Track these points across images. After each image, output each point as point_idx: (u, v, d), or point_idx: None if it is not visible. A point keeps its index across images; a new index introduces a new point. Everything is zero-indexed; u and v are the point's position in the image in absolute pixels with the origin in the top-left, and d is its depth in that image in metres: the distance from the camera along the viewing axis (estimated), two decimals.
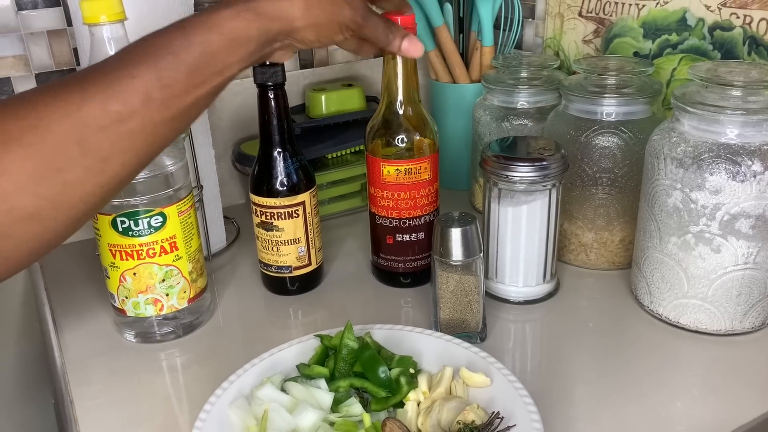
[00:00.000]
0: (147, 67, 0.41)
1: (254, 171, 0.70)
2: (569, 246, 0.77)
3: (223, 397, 0.53)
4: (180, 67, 0.42)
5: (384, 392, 0.53)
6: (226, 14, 0.44)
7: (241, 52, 0.45)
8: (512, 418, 0.49)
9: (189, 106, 0.43)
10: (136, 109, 0.40)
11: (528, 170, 0.64)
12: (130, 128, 0.41)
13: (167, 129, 0.43)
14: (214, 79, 0.44)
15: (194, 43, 0.43)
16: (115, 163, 0.41)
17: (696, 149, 0.59)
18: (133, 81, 0.40)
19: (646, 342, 0.65)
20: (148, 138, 0.42)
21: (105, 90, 0.40)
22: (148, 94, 0.41)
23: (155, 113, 0.42)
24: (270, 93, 0.67)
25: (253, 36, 0.45)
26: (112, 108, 0.40)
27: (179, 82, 0.42)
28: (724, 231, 0.59)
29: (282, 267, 0.72)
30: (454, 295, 0.63)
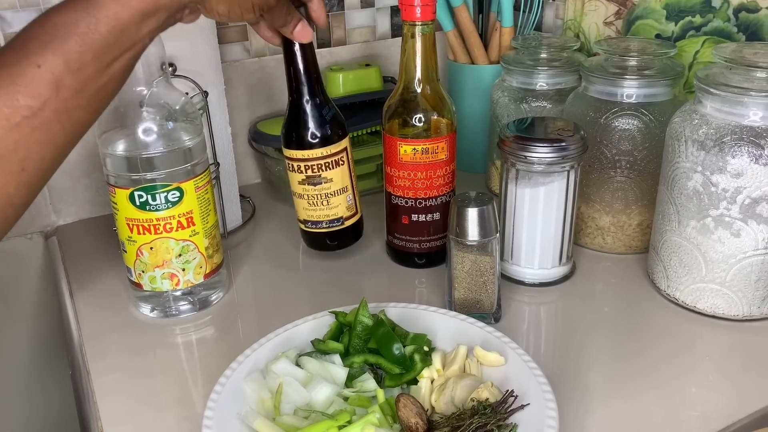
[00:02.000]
0: (52, 53, 0.38)
1: (291, 127, 0.68)
2: (586, 229, 0.77)
3: (239, 371, 0.53)
4: (88, 48, 0.39)
5: (398, 369, 0.53)
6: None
7: (152, 23, 0.43)
8: (526, 397, 0.49)
9: (103, 86, 0.41)
10: (47, 99, 0.38)
11: (546, 151, 0.64)
12: (43, 120, 0.39)
13: (83, 113, 0.41)
14: (125, 55, 0.42)
15: (101, 20, 0.40)
16: (34, 159, 0.39)
17: (718, 131, 0.58)
18: (39, 71, 0.38)
19: (662, 327, 0.64)
20: (66, 127, 0.40)
21: (10, 84, 0.38)
22: (58, 81, 0.38)
23: (68, 100, 0.39)
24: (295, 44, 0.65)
25: (164, 5, 0.43)
26: (21, 103, 0.38)
27: (89, 64, 0.40)
28: (744, 215, 0.59)
29: (334, 220, 0.71)
30: (469, 275, 0.63)
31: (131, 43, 0.42)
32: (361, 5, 0.99)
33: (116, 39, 0.41)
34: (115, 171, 0.62)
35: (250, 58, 0.94)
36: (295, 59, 0.65)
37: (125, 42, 0.41)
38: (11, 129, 0.38)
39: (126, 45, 0.42)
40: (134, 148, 0.61)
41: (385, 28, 1.02)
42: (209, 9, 0.48)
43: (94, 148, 0.85)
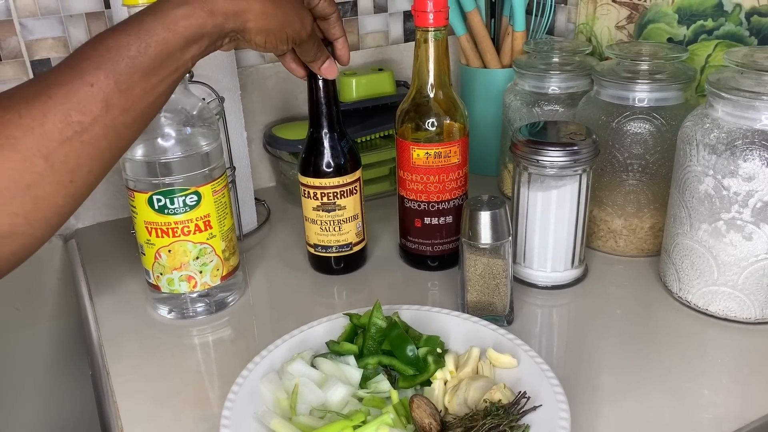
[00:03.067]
0: (104, 74, 0.41)
1: (309, 156, 0.71)
2: (598, 232, 0.77)
3: (255, 371, 0.54)
4: (137, 70, 0.42)
5: (411, 370, 0.54)
6: (182, 12, 0.44)
7: (195, 49, 0.46)
8: (538, 399, 0.50)
9: (148, 105, 0.44)
10: (97, 116, 0.41)
11: (558, 155, 0.65)
12: (93, 136, 0.41)
13: (129, 131, 0.44)
14: (170, 77, 0.45)
15: (151, 44, 0.43)
16: (82, 172, 0.42)
17: (729, 135, 0.59)
18: (91, 89, 0.41)
19: (674, 329, 0.64)
20: (112, 142, 0.43)
21: (65, 102, 0.40)
22: (108, 100, 0.41)
23: (116, 118, 0.42)
24: (320, 78, 0.67)
25: (207, 33, 0.46)
26: (73, 119, 0.40)
27: (137, 84, 0.42)
28: (756, 218, 0.59)
29: (343, 245, 0.73)
30: (482, 278, 0.63)
31: (175, 66, 0.45)
32: (374, 10, 1.00)
33: (162, 62, 0.44)
34: (134, 175, 0.64)
35: (265, 64, 0.95)
36: (318, 93, 0.69)
37: (170, 65, 0.44)
38: (63, 143, 0.40)
39: (171, 68, 0.45)
40: (153, 153, 0.63)
41: (398, 33, 1.03)
42: (248, 39, 0.50)
43: None
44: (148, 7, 0.45)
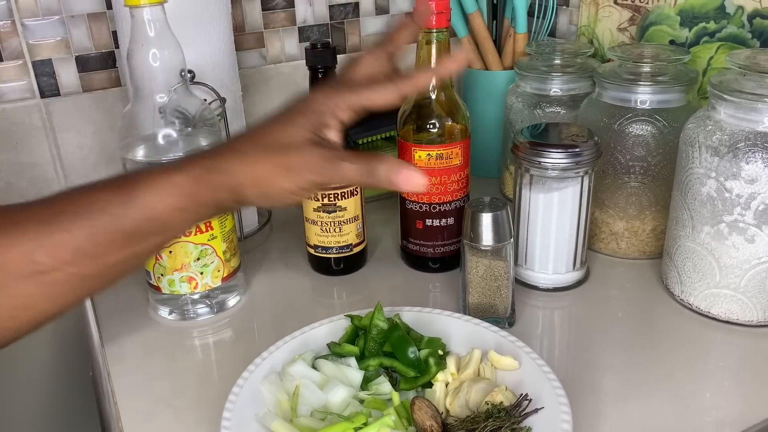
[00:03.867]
0: (83, 223, 0.40)
1: None
2: (600, 234, 0.77)
3: (256, 373, 0.54)
4: (118, 228, 0.40)
5: (413, 372, 0.54)
6: (178, 180, 0.41)
7: (186, 215, 0.42)
8: (540, 401, 0.50)
9: (123, 261, 0.41)
10: (64, 262, 0.39)
11: (560, 157, 0.64)
12: (55, 279, 0.39)
13: (97, 281, 0.41)
14: (153, 239, 0.42)
15: (137, 207, 0.40)
16: (31, 310, 0.40)
17: (732, 138, 0.59)
18: (64, 236, 0.39)
19: (676, 332, 0.64)
20: (76, 290, 0.41)
21: (35, 239, 0.39)
22: (80, 250, 0.39)
23: (85, 268, 0.40)
24: (320, 75, 0.67)
25: (203, 203, 0.42)
26: (37, 259, 0.39)
27: (115, 242, 0.40)
28: (759, 221, 0.59)
29: (343, 246, 0.73)
30: (483, 280, 0.63)
31: (161, 230, 0.42)
32: (375, 12, 1.00)
33: (148, 226, 0.41)
34: None
35: (267, 65, 0.95)
36: None
37: (155, 229, 0.42)
38: (19, 278, 0.39)
39: (155, 231, 0.42)
40: (155, 154, 0.63)
41: None
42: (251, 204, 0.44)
43: (112, 155, 0.87)
44: (145, 169, 0.43)
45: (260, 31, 0.93)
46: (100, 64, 0.85)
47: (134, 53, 0.61)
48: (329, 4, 0.96)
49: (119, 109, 0.87)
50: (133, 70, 0.62)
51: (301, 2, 0.94)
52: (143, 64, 0.61)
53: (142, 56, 0.61)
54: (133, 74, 0.62)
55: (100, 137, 0.87)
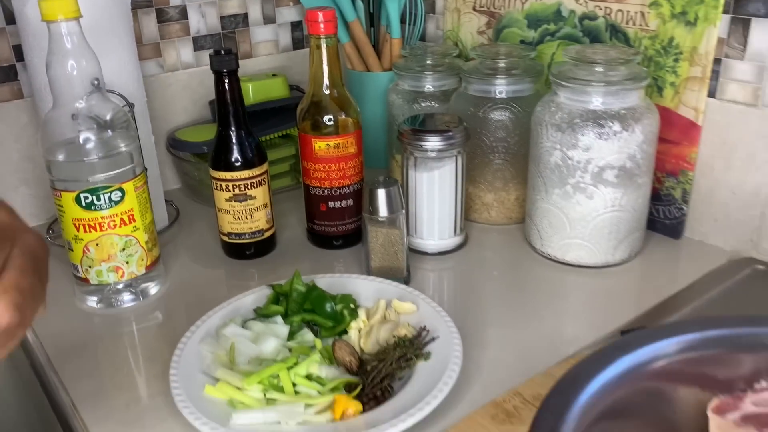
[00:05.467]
0: None
1: (219, 152, 0.79)
2: (474, 206, 0.90)
3: (194, 337, 0.62)
4: None
5: (331, 323, 0.64)
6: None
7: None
8: (436, 332, 0.61)
9: None
10: None
11: (437, 140, 0.77)
12: None
13: None
14: None
15: None
16: None
17: (570, 116, 0.73)
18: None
19: (539, 277, 0.78)
20: None
21: None
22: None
23: None
24: (227, 78, 0.75)
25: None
26: None
27: None
28: (595, 181, 0.74)
29: (255, 232, 0.81)
30: (382, 247, 0.74)
31: None
32: (263, 21, 1.09)
33: None
34: (60, 176, 0.69)
35: (164, 73, 1.01)
36: (225, 94, 0.77)
37: None
38: None
39: None
40: (77, 156, 0.68)
41: (287, 42, 1.12)
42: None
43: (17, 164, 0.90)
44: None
45: (157, 42, 0.99)
46: (2, 78, 0.88)
47: (52, 64, 0.67)
48: (220, 15, 1.04)
49: (23, 121, 0.91)
50: (52, 80, 0.68)
51: (194, 14, 1.01)
52: (62, 73, 0.67)
53: (61, 66, 0.67)
54: (53, 83, 0.68)
55: (5, 148, 0.90)
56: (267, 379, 0.55)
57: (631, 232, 0.77)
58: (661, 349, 0.45)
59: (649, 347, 0.44)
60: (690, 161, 0.80)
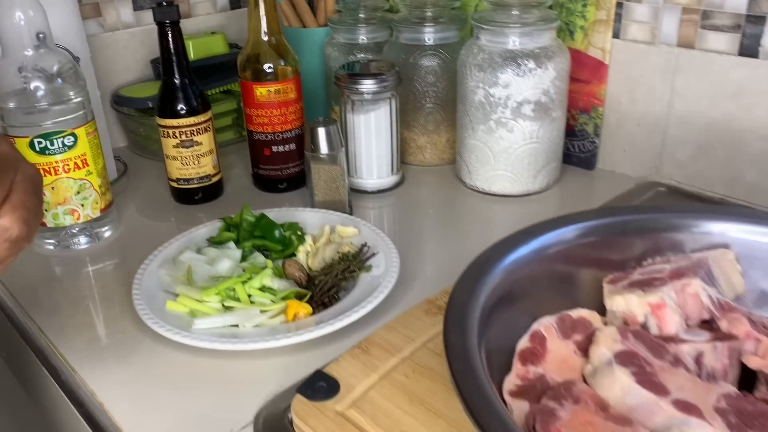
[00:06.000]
0: None
1: (165, 100, 0.83)
2: (409, 149, 0.97)
3: (152, 264, 0.67)
4: None
5: (280, 247, 0.70)
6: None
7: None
8: (377, 249, 0.68)
9: None
10: None
11: (371, 83, 0.83)
12: None
13: None
14: None
15: None
16: None
17: (490, 56, 0.81)
18: None
19: (470, 208, 0.86)
20: None
21: None
22: None
23: None
24: (169, 29, 0.79)
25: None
26: None
27: None
28: (514, 115, 0.82)
29: (203, 177, 0.86)
30: (325, 183, 0.80)
31: None
32: None
33: None
34: (13, 123, 0.72)
35: (105, 32, 1.04)
36: (168, 45, 0.81)
37: None
38: None
39: None
40: (29, 103, 0.72)
41: (224, 2, 1.16)
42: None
43: None
44: None
45: (96, 2, 1.02)
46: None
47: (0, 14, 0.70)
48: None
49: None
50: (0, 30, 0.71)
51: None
52: (9, 24, 0.70)
53: (8, 17, 0.70)
54: (1, 34, 0.71)
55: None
56: (224, 291, 0.61)
57: (548, 162, 0.86)
58: (562, 235, 0.53)
59: (552, 233, 0.52)
60: (600, 98, 0.89)
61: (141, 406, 0.55)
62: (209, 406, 0.55)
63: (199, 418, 0.54)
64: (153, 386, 0.57)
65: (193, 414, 0.54)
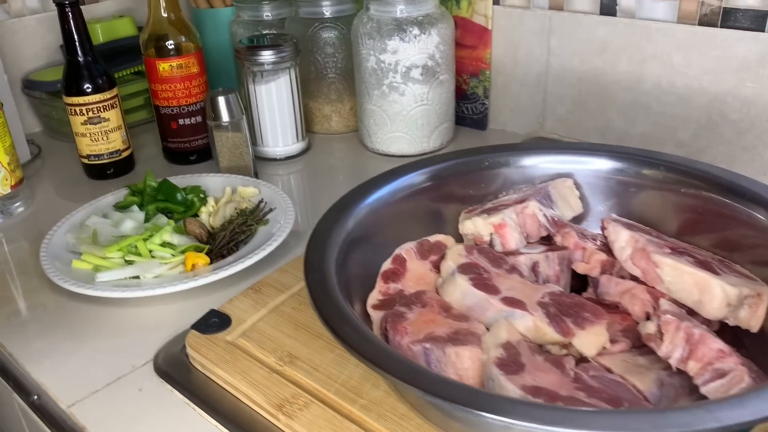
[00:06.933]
0: None
1: (71, 79, 0.85)
2: (315, 119, 1.02)
3: (59, 230, 0.70)
4: None
5: (182, 208, 0.74)
6: None
7: None
8: (274, 205, 0.73)
9: None
10: None
11: (269, 54, 0.88)
12: None
13: None
14: None
15: None
16: None
17: (379, 24, 0.86)
18: None
19: (372, 169, 0.88)
20: None
21: None
22: None
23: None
24: (69, 10, 0.82)
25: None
26: None
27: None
28: (404, 79, 0.88)
29: (113, 152, 0.89)
30: (229, 150, 0.85)
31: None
32: None
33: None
34: None
35: (11, 19, 1.05)
36: (69, 26, 0.83)
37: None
38: None
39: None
40: None
41: None
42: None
43: None
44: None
45: None
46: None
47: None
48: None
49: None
50: None
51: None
52: None
53: None
54: None
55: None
56: (126, 247, 0.65)
57: (440, 123, 0.92)
58: (421, 176, 0.59)
59: (415, 173, 0.59)
60: (486, 62, 0.96)
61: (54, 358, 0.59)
62: (113, 352, 0.59)
63: (104, 362, 0.58)
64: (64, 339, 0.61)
65: (98, 359, 0.58)
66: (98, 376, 0.56)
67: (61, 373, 0.57)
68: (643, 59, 0.82)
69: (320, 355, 0.52)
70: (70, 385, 0.55)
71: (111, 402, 0.53)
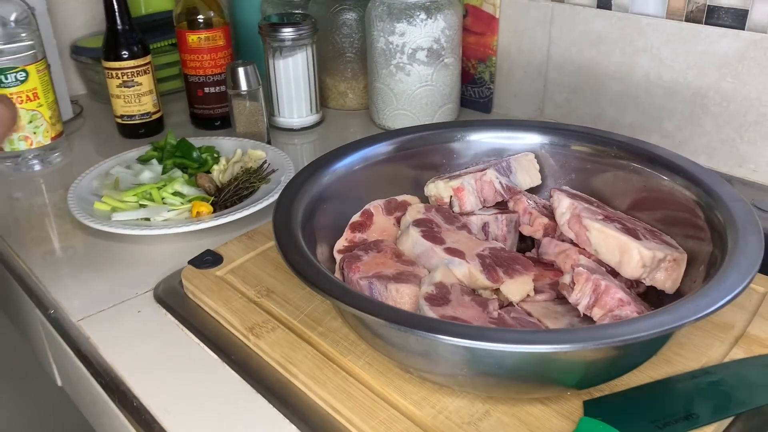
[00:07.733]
0: None
1: (109, 46, 0.95)
2: (331, 95, 1.10)
3: (87, 176, 0.80)
4: None
5: (196, 165, 0.83)
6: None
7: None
8: (277, 167, 0.81)
9: None
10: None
11: (290, 30, 0.95)
12: None
13: None
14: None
15: None
16: None
17: (389, 8, 0.93)
18: None
19: None
20: None
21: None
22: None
23: None
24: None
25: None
26: None
27: None
28: (410, 60, 0.94)
29: (144, 114, 0.99)
30: (246, 117, 0.93)
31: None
32: None
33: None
34: None
35: None
36: None
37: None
38: None
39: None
40: None
41: None
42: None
43: None
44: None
45: None
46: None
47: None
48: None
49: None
50: None
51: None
52: None
53: None
54: None
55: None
56: (141, 193, 0.74)
57: (444, 104, 0.99)
58: (391, 144, 0.66)
59: (383, 143, 0.65)
60: (493, 48, 1.02)
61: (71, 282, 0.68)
62: (121, 281, 0.68)
63: (112, 289, 0.67)
64: (82, 268, 0.70)
65: (108, 286, 0.67)
66: (105, 299, 0.65)
67: (75, 294, 0.66)
68: (634, 52, 0.87)
69: (293, 292, 0.60)
70: (81, 303, 0.64)
71: (113, 319, 0.62)
